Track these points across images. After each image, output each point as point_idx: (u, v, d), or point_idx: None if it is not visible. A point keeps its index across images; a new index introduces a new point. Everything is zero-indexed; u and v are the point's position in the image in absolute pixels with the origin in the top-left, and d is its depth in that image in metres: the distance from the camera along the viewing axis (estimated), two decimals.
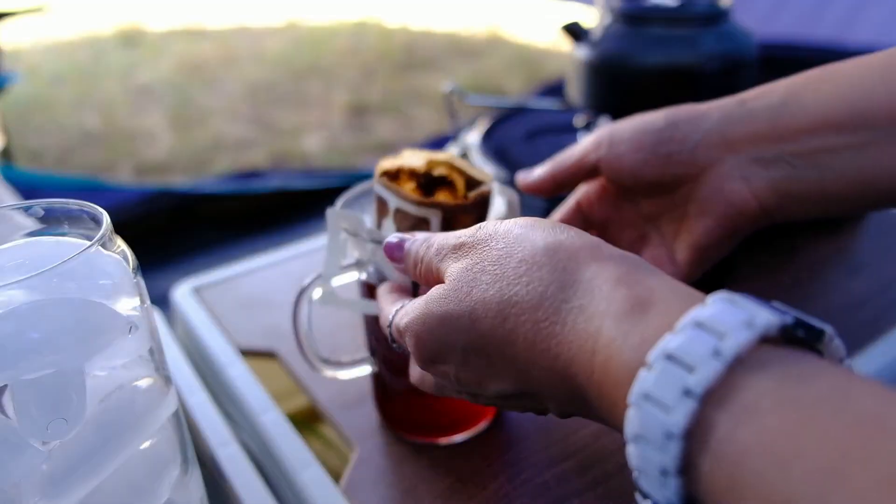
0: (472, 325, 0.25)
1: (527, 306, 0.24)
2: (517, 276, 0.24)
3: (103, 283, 0.26)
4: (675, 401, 0.18)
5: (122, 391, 0.27)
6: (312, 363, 0.41)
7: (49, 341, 0.24)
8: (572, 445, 0.41)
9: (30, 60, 3.46)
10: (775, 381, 0.17)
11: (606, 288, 0.22)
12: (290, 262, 0.62)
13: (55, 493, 0.25)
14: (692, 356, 0.18)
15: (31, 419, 0.24)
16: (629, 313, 0.21)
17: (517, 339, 0.24)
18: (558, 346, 0.23)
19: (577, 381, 0.23)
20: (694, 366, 0.18)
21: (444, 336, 0.26)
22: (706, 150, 0.34)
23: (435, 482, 0.39)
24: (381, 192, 0.36)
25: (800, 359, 0.18)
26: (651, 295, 0.21)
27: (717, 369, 0.17)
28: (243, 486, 0.38)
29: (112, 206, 0.28)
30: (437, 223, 0.35)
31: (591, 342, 0.22)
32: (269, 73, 3.26)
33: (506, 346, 0.25)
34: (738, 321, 0.18)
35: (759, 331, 0.18)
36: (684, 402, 0.17)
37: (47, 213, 0.28)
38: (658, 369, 0.18)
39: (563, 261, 0.24)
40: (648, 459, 0.18)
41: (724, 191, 0.34)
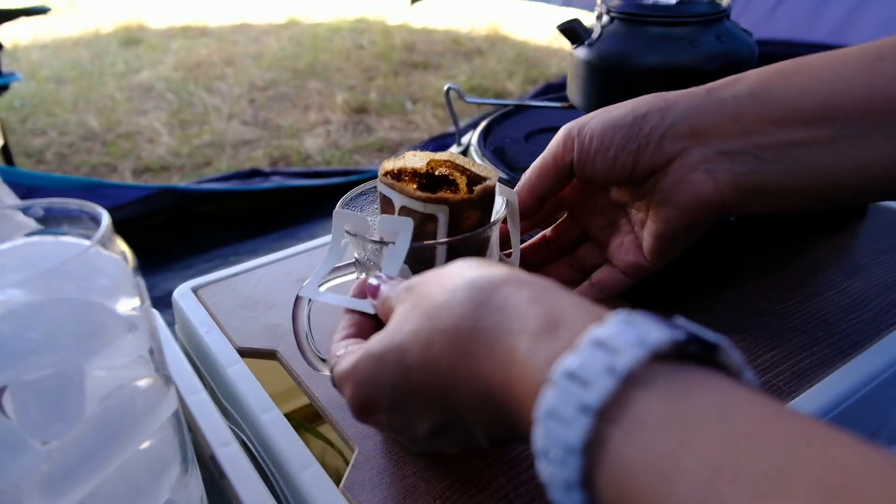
0: (401, 359, 0.26)
1: (449, 330, 0.25)
2: (442, 304, 0.25)
3: (103, 283, 0.26)
4: (574, 417, 0.18)
5: (122, 391, 0.27)
6: (312, 363, 0.41)
7: (49, 341, 0.24)
8: None
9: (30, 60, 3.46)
10: (662, 396, 0.18)
11: (521, 307, 0.23)
12: (290, 262, 0.62)
13: (55, 493, 0.25)
14: (589, 373, 0.18)
15: (31, 419, 0.24)
16: (541, 332, 0.22)
17: (441, 365, 0.25)
18: (478, 365, 0.23)
19: (496, 398, 0.23)
20: (590, 382, 0.18)
21: (375, 377, 0.27)
22: (672, 141, 0.34)
23: (435, 482, 0.39)
24: (385, 191, 0.36)
25: (688, 374, 0.18)
26: (560, 313, 0.22)
27: (611, 386, 0.18)
28: (243, 486, 0.38)
29: (112, 206, 0.28)
30: (445, 220, 0.35)
31: (508, 360, 0.22)
32: (269, 73, 3.26)
33: (432, 374, 0.25)
34: (632, 339, 0.19)
35: (650, 348, 0.18)
36: (581, 418, 0.18)
37: (47, 213, 0.28)
38: (560, 387, 0.19)
39: (481, 285, 0.25)
40: (553, 474, 0.19)
41: (688, 182, 0.34)
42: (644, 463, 0.17)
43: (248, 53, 3.56)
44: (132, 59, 3.47)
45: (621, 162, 0.35)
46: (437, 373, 0.25)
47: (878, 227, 0.62)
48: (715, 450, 0.16)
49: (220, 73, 3.25)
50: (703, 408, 0.17)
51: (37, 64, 3.40)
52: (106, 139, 2.56)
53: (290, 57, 3.49)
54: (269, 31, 3.92)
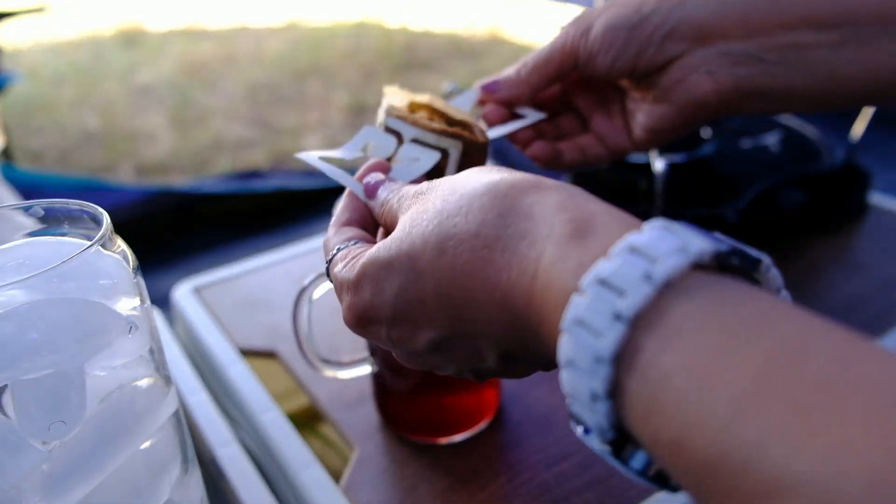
0: (411, 265, 0.24)
1: (465, 236, 0.23)
2: (457, 209, 0.24)
3: (103, 283, 0.26)
4: (606, 325, 0.17)
5: (122, 391, 0.27)
6: (312, 363, 0.41)
7: (49, 341, 0.24)
8: (572, 445, 0.41)
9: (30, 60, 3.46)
10: (702, 305, 0.17)
11: (548, 213, 0.22)
12: (290, 262, 0.62)
13: (55, 493, 0.25)
14: (624, 280, 0.18)
15: (31, 419, 0.24)
16: (569, 238, 0.21)
17: (455, 272, 0.23)
18: (497, 273, 0.22)
19: (516, 310, 0.22)
20: (625, 290, 0.17)
21: (380, 284, 0.25)
22: (675, 42, 0.34)
23: (435, 482, 0.39)
24: (394, 125, 0.34)
25: (730, 285, 0.18)
26: (591, 220, 0.21)
27: (647, 293, 0.17)
28: (243, 486, 0.38)
29: (112, 206, 0.28)
30: (457, 156, 0.34)
31: (533, 267, 0.21)
32: (270, 74, 3.26)
33: (443, 282, 0.24)
34: (671, 247, 0.18)
35: (691, 257, 0.18)
36: (614, 327, 0.17)
37: (47, 213, 0.28)
38: (591, 294, 0.18)
39: (504, 190, 0.23)
40: (579, 384, 0.18)
41: (688, 82, 0.34)
42: (679, 371, 0.16)
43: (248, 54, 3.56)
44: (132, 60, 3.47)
45: (621, 63, 0.35)
46: (450, 282, 0.23)
47: (878, 227, 0.62)
48: (757, 359, 0.15)
49: (220, 74, 3.25)
50: (746, 317, 0.16)
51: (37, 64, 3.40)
52: (106, 139, 2.56)
53: (290, 57, 3.49)
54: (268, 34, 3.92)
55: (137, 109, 2.85)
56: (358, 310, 0.27)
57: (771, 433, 0.14)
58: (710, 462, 0.15)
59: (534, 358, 0.24)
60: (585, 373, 0.18)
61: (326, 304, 0.43)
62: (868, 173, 0.64)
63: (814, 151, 0.64)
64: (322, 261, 0.29)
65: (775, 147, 0.64)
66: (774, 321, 0.16)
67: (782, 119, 0.69)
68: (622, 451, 0.19)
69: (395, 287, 0.25)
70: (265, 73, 3.27)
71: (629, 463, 0.19)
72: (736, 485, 0.15)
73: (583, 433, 0.20)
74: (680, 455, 0.16)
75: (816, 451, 0.14)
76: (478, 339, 0.24)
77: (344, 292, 0.28)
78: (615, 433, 0.19)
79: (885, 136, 0.94)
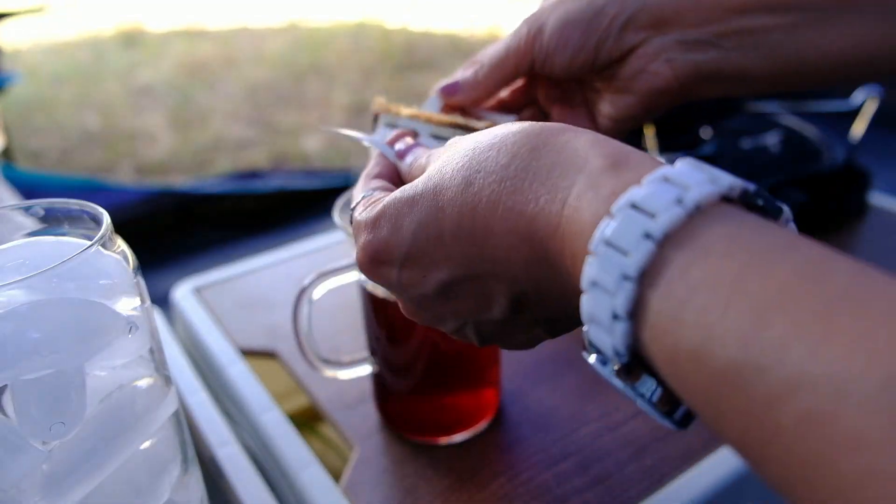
0: (434, 200, 0.24)
1: (494, 167, 0.23)
2: (489, 146, 0.24)
3: (103, 283, 0.26)
4: (635, 244, 0.18)
5: (122, 391, 0.27)
6: (312, 363, 0.41)
7: (49, 341, 0.24)
8: (572, 445, 0.41)
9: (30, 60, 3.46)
10: (730, 229, 0.17)
11: (582, 148, 0.22)
12: (290, 262, 0.62)
13: (55, 493, 0.25)
14: (655, 204, 0.18)
15: (31, 419, 0.24)
16: (603, 170, 0.21)
17: (479, 203, 0.23)
18: (524, 202, 0.22)
19: (538, 241, 0.22)
20: (656, 212, 0.18)
21: (400, 220, 0.25)
22: (632, 32, 0.34)
23: (435, 482, 0.39)
24: (408, 125, 0.35)
25: (756, 218, 0.18)
26: (626, 156, 0.21)
27: (679, 215, 0.18)
28: (243, 486, 0.38)
29: (112, 206, 0.28)
30: None
31: (563, 196, 0.21)
32: (270, 74, 3.26)
33: (465, 215, 0.24)
34: (703, 178, 0.18)
35: (722, 188, 0.18)
36: (643, 245, 0.18)
37: (47, 213, 0.28)
38: (621, 217, 0.18)
39: (537, 129, 0.24)
40: (601, 305, 0.19)
41: (648, 72, 0.34)
42: (704, 286, 0.17)
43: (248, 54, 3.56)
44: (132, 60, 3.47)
45: (580, 60, 0.35)
46: (473, 213, 0.23)
47: (878, 227, 0.62)
48: (782, 275, 0.16)
49: (220, 74, 3.25)
50: (771, 242, 0.17)
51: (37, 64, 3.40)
52: (106, 139, 2.56)
53: (290, 57, 3.49)
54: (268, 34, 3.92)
55: (137, 109, 2.85)
56: (371, 249, 0.26)
57: (792, 336, 0.15)
58: (729, 369, 0.16)
59: (545, 304, 0.24)
60: (609, 292, 0.18)
61: (326, 304, 0.43)
62: (868, 173, 0.64)
63: (814, 151, 0.64)
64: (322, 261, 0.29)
65: (775, 147, 0.64)
66: (799, 247, 0.17)
67: (782, 119, 0.69)
68: (633, 378, 0.20)
69: (415, 224, 0.25)
70: (265, 73, 3.27)
71: (638, 388, 0.20)
72: (753, 388, 0.15)
73: (596, 361, 0.20)
74: (698, 368, 0.16)
75: (836, 350, 0.14)
76: (490, 281, 0.24)
77: (360, 232, 0.27)
78: (629, 357, 0.19)
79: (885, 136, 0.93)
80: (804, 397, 0.14)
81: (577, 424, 0.43)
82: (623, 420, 0.43)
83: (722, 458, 0.40)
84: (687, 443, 0.41)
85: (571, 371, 0.47)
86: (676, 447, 0.41)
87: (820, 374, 0.14)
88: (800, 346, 0.15)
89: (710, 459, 0.40)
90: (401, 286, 0.27)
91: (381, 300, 0.38)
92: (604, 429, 0.42)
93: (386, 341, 0.40)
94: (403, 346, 0.40)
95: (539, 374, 0.47)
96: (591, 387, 0.46)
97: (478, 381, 0.42)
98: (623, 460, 0.40)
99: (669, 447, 0.41)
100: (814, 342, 0.15)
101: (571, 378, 0.47)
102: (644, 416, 0.43)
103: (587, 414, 0.44)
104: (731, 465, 0.39)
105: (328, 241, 0.64)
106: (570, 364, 0.48)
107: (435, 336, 0.39)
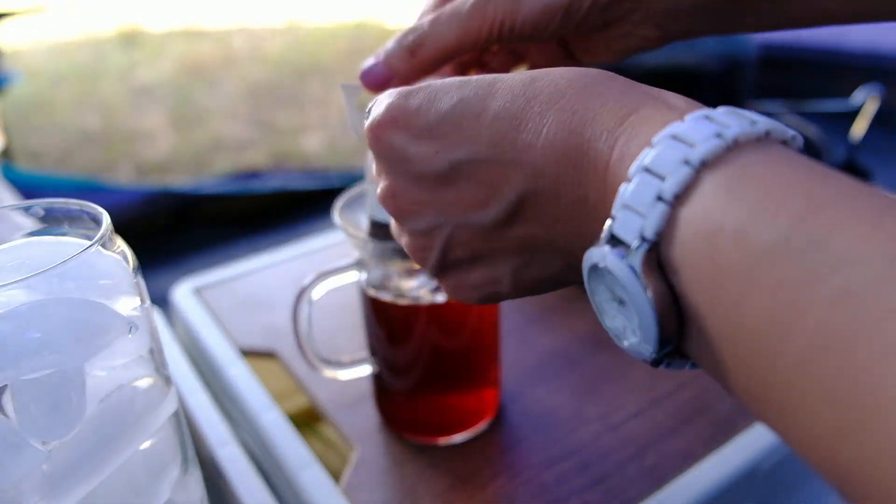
0: (490, 86, 0.23)
1: (565, 74, 0.23)
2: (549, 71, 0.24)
3: (103, 283, 0.26)
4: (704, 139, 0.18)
5: (122, 391, 0.27)
6: (312, 363, 0.41)
7: (49, 341, 0.24)
8: (572, 445, 0.41)
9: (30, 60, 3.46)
10: (769, 156, 0.18)
11: (642, 86, 0.22)
12: (290, 262, 0.62)
13: (55, 493, 0.25)
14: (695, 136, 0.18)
15: (31, 419, 0.24)
16: (656, 98, 0.21)
17: (538, 95, 0.22)
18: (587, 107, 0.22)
19: (587, 137, 0.21)
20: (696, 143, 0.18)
21: (438, 95, 0.24)
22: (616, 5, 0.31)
23: (435, 482, 0.39)
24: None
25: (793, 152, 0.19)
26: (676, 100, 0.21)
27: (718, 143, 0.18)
28: (243, 486, 0.38)
29: (112, 206, 0.28)
30: None
31: (628, 111, 0.21)
32: (269, 74, 3.26)
33: (517, 99, 0.23)
34: (743, 119, 0.19)
35: (763, 127, 0.19)
36: (713, 141, 0.18)
37: (47, 213, 0.28)
38: (692, 118, 0.19)
39: (597, 69, 0.24)
40: (646, 188, 0.18)
41: (634, 36, 0.33)
42: (762, 177, 0.17)
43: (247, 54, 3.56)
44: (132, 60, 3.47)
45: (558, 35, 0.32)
46: (527, 100, 0.22)
47: None
48: (833, 183, 0.16)
49: (220, 74, 3.25)
50: (816, 164, 0.17)
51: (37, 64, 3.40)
52: (105, 139, 2.56)
53: (289, 57, 3.49)
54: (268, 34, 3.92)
55: (137, 109, 2.85)
56: (397, 111, 0.25)
57: (841, 224, 0.15)
58: (776, 247, 0.16)
59: (547, 215, 0.23)
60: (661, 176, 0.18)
61: (326, 304, 0.43)
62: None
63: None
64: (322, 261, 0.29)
65: None
66: (840, 175, 0.17)
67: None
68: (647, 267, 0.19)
69: (456, 99, 0.24)
70: (265, 73, 3.27)
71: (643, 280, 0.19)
72: (793, 266, 0.15)
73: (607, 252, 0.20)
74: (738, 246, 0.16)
75: (883, 238, 0.15)
76: (509, 168, 0.23)
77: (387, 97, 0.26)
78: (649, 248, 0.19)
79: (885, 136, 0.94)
80: (847, 274, 0.14)
81: (577, 424, 0.43)
82: (623, 420, 0.43)
83: (722, 458, 0.40)
84: (687, 443, 0.41)
85: (571, 371, 0.47)
86: (676, 447, 0.41)
87: (866, 254, 0.14)
88: (848, 232, 0.15)
89: (710, 459, 0.40)
90: (401, 158, 0.25)
91: (381, 301, 0.38)
92: (604, 429, 0.42)
93: (386, 341, 0.40)
94: (403, 346, 0.40)
95: (539, 374, 0.47)
96: (591, 387, 0.46)
97: (478, 381, 0.42)
98: (623, 460, 0.40)
99: (669, 447, 0.41)
100: (863, 231, 0.15)
101: (571, 378, 0.47)
102: (644, 417, 0.43)
103: (587, 414, 0.44)
104: (731, 464, 0.39)
105: (328, 241, 0.64)
106: (570, 364, 0.48)
107: (435, 336, 0.39)
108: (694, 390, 0.45)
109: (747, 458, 0.40)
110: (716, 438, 0.41)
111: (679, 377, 0.46)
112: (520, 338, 0.51)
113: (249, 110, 2.83)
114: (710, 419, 0.43)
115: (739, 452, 0.40)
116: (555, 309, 0.54)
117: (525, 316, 0.53)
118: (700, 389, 0.45)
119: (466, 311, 0.39)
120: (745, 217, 0.17)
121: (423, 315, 0.38)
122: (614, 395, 0.45)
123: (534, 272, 0.25)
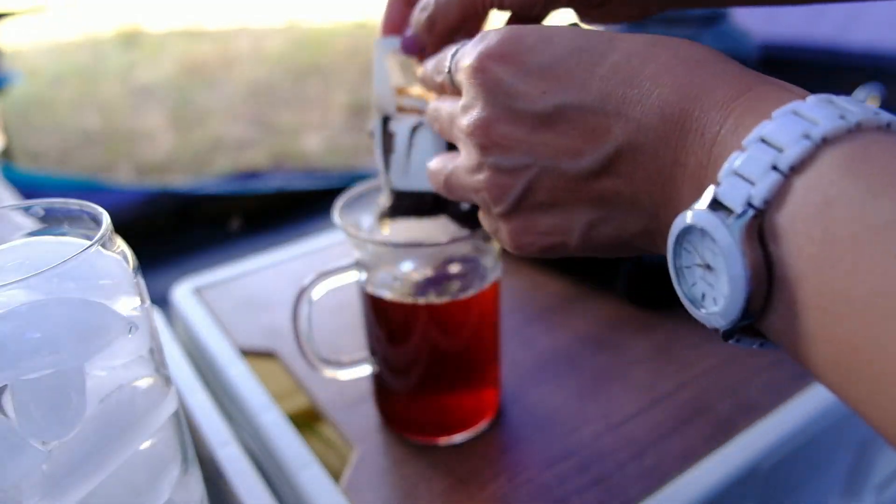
0: (610, 40, 0.23)
1: (689, 44, 0.23)
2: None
3: (103, 283, 0.26)
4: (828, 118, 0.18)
5: (122, 391, 0.27)
6: (312, 363, 0.41)
7: (49, 341, 0.24)
8: (572, 445, 0.41)
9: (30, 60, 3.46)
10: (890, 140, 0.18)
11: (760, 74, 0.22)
12: (290, 262, 0.62)
13: (55, 493, 0.25)
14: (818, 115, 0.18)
15: (31, 419, 0.24)
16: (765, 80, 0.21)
17: (657, 57, 0.22)
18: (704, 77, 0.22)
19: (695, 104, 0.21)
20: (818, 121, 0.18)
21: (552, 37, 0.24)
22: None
23: (435, 482, 0.39)
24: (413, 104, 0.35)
25: None
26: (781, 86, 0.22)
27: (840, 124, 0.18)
28: (243, 486, 0.38)
29: (112, 206, 0.28)
30: None
31: (748, 84, 0.21)
32: (269, 74, 3.26)
33: (636, 57, 0.23)
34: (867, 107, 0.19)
35: (884, 119, 0.19)
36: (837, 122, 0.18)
37: (47, 213, 0.28)
38: (778, 121, 0.19)
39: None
40: (761, 156, 0.18)
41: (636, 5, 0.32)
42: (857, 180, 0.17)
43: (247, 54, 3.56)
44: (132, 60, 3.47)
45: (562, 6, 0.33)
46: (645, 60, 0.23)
47: None
48: None
49: (220, 74, 3.25)
50: None
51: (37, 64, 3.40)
52: (105, 139, 2.56)
53: (289, 57, 3.49)
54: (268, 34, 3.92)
55: (137, 109, 2.85)
56: (509, 43, 0.25)
57: None
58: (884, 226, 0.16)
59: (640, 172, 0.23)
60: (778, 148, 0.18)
61: (326, 304, 0.43)
62: None
63: None
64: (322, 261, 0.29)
65: None
66: None
67: None
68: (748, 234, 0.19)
69: (574, 45, 0.24)
70: (265, 73, 3.27)
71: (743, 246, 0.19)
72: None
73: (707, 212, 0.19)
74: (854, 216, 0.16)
75: None
76: (613, 119, 0.23)
77: (496, 30, 0.26)
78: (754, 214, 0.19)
79: None
80: None
81: (577, 424, 0.43)
82: (623, 420, 0.43)
83: (722, 458, 0.40)
84: (687, 443, 0.41)
85: (572, 371, 0.47)
86: (676, 447, 0.41)
87: None
88: None
89: (711, 459, 0.40)
90: (505, 92, 0.25)
91: (381, 301, 0.38)
92: (604, 429, 0.42)
93: (386, 341, 0.40)
94: (403, 346, 0.40)
95: (539, 374, 0.47)
96: (592, 387, 0.46)
97: (478, 381, 0.42)
98: (623, 460, 0.40)
99: (669, 447, 0.41)
100: None
101: (572, 378, 0.47)
102: (644, 417, 0.43)
103: (587, 414, 0.44)
104: (731, 464, 0.39)
105: (328, 241, 0.64)
106: (571, 364, 0.48)
107: (435, 336, 0.39)
108: (694, 390, 0.45)
109: (747, 458, 0.40)
110: (716, 438, 0.41)
111: (679, 377, 0.46)
112: (520, 338, 0.51)
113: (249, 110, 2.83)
114: (710, 419, 0.43)
115: (739, 452, 0.40)
116: (555, 309, 0.54)
117: (525, 316, 0.53)
118: (700, 389, 0.45)
119: (466, 311, 0.39)
120: (863, 191, 0.16)
121: (423, 315, 0.38)
122: (614, 395, 0.45)
123: (608, 229, 0.25)
